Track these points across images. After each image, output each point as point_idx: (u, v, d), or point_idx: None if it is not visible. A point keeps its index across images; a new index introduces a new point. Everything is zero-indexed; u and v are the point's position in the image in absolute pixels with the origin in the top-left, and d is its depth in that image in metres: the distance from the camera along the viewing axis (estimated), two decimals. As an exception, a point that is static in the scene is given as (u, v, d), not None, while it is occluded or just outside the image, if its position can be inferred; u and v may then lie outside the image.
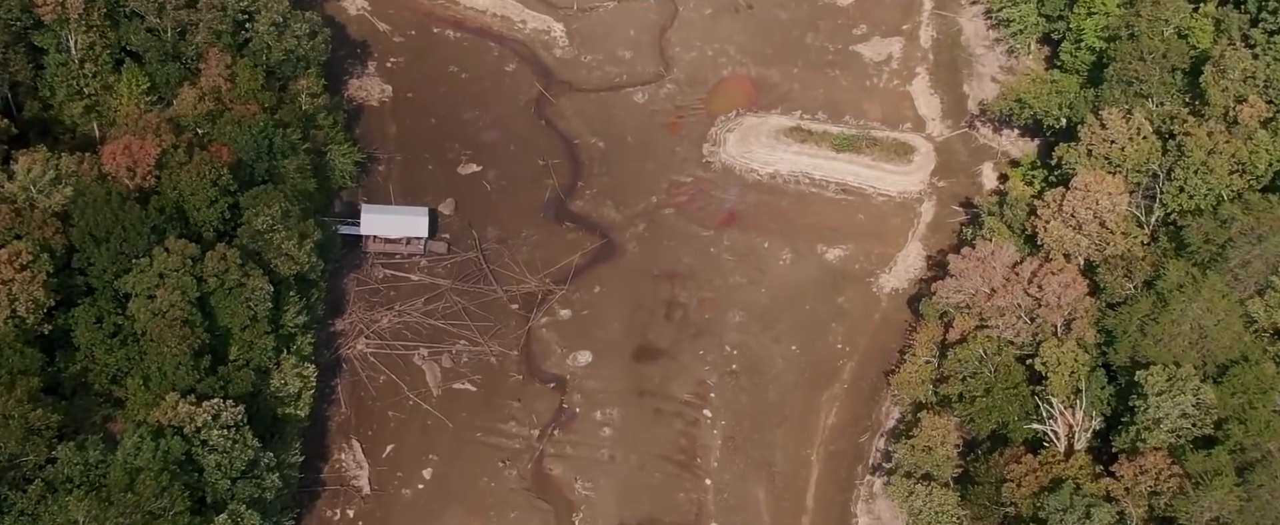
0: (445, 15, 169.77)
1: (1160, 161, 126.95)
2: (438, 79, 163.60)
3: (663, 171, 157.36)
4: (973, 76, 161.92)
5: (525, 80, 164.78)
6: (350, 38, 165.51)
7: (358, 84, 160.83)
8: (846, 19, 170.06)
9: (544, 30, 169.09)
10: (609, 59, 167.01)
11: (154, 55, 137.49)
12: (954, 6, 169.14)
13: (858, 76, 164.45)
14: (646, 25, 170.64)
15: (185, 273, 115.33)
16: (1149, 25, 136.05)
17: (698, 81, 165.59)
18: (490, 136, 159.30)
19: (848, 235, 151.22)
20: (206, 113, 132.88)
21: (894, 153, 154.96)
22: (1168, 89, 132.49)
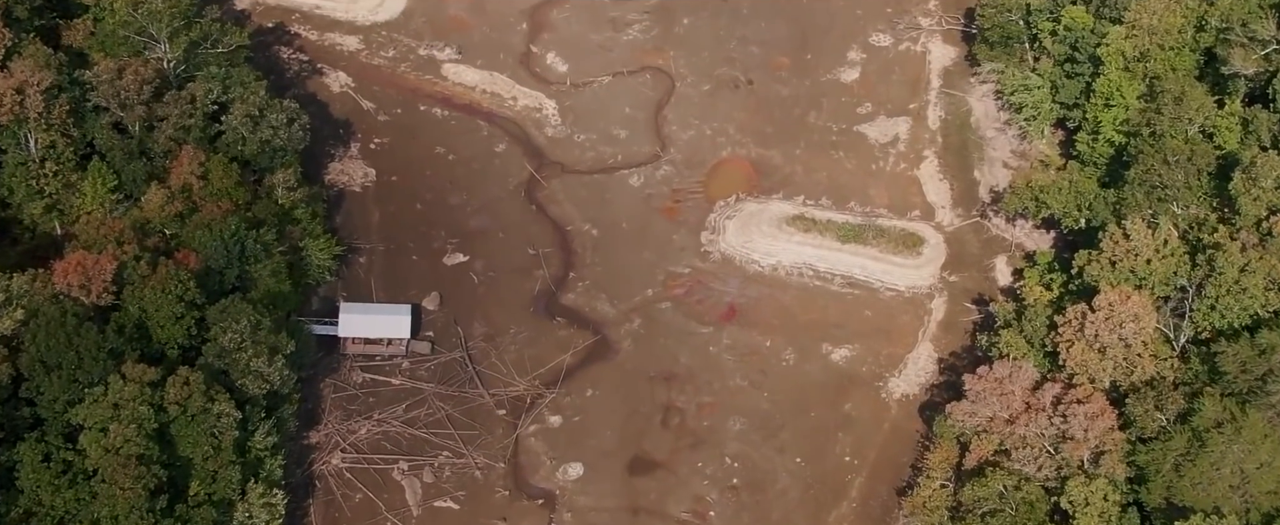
0: (433, 91, 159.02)
1: (1189, 275, 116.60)
2: (424, 161, 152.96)
3: (659, 261, 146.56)
4: (984, 161, 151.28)
5: (515, 161, 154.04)
6: (333, 117, 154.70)
7: (339, 167, 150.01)
8: (850, 96, 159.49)
9: (535, 107, 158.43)
10: (603, 138, 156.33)
11: (120, 153, 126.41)
12: (962, 85, 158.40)
13: (863, 159, 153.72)
14: (642, 101, 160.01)
15: (142, 402, 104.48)
16: (1171, 124, 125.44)
17: (695, 163, 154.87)
18: (478, 223, 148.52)
19: (854, 333, 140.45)
20: (176, 214, 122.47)
21: (902, 244, 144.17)
22: (1194, 193, 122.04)
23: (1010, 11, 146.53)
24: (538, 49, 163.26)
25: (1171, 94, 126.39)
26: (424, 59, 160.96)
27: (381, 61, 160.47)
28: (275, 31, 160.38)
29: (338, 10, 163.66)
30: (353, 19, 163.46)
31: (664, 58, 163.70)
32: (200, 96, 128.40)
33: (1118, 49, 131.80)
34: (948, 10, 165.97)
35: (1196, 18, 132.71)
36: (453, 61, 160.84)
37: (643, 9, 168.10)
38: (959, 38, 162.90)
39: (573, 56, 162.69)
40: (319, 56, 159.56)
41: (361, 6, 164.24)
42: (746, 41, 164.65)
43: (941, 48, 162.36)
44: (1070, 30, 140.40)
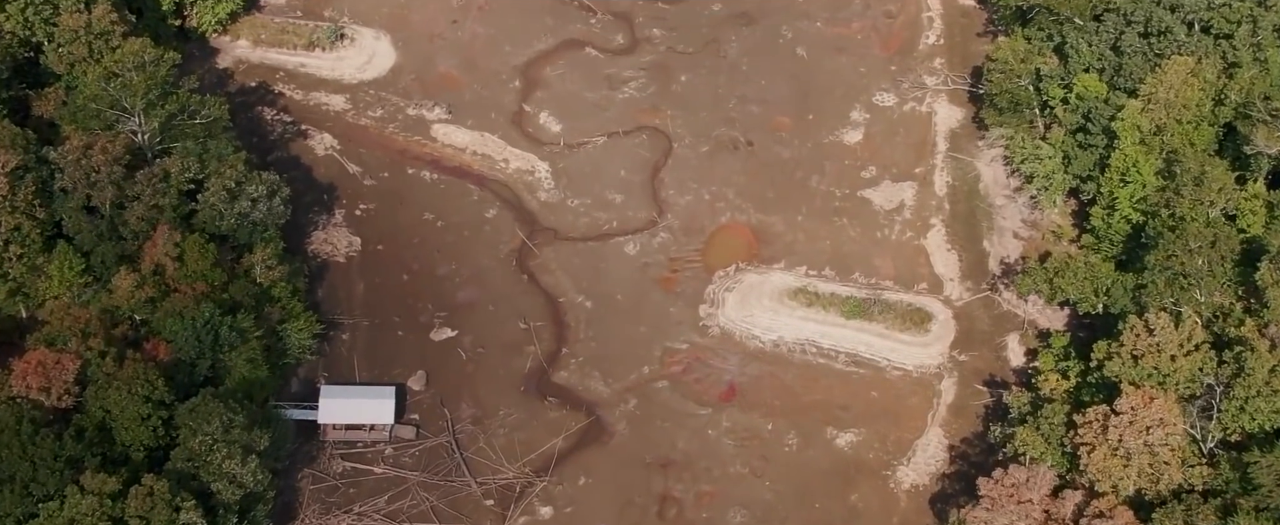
0: (422, 153, 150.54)
1: (1215, 373, 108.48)
2: (411, 228, 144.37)
3: (656, 337, 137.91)
4: (993, 231, 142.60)
5: (506, 228, 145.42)
6: (317, 181, 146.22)
7: (323, 237, 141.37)
8: (854, 159, 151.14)
9: (528, 170, 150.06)
10: (598, 203, 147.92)
11: (89, 234, 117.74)
12: (970, 149, 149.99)
13: (868, 226, 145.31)
14: (638, 164, 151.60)
15: (101, 517, 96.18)
16: (1191, 206, 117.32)
17: (693, 229, 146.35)
18: (467, 295, 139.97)
19: (860, 416, 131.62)
20: (147, 299, 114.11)
21: (909, 320, 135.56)
22: (1218, 280, 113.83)
23: (1019, 77, 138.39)
24: (531, 108, 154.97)
25: (1191, 173, 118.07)
26: (413, 119, 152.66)
27: (369, 121, 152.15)
28: (258, 91, 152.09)
29: (323, 68, 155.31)
30: (339, 77, 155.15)
31: (661, 117, 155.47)
32: (175, 173, 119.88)
33: (1133, 123, 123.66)
34: (953, 69, 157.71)
35: (1215, 91, 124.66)
36: (442, 121, 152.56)
37: (639, 65, 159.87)
38: (966, 98, 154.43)
39: (567, 115, 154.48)
40: (304, 117, 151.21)
41: (348, 64, 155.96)
42: (746, 100, 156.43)
43: (948, 108, 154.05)
44: (1083, 99, 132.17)
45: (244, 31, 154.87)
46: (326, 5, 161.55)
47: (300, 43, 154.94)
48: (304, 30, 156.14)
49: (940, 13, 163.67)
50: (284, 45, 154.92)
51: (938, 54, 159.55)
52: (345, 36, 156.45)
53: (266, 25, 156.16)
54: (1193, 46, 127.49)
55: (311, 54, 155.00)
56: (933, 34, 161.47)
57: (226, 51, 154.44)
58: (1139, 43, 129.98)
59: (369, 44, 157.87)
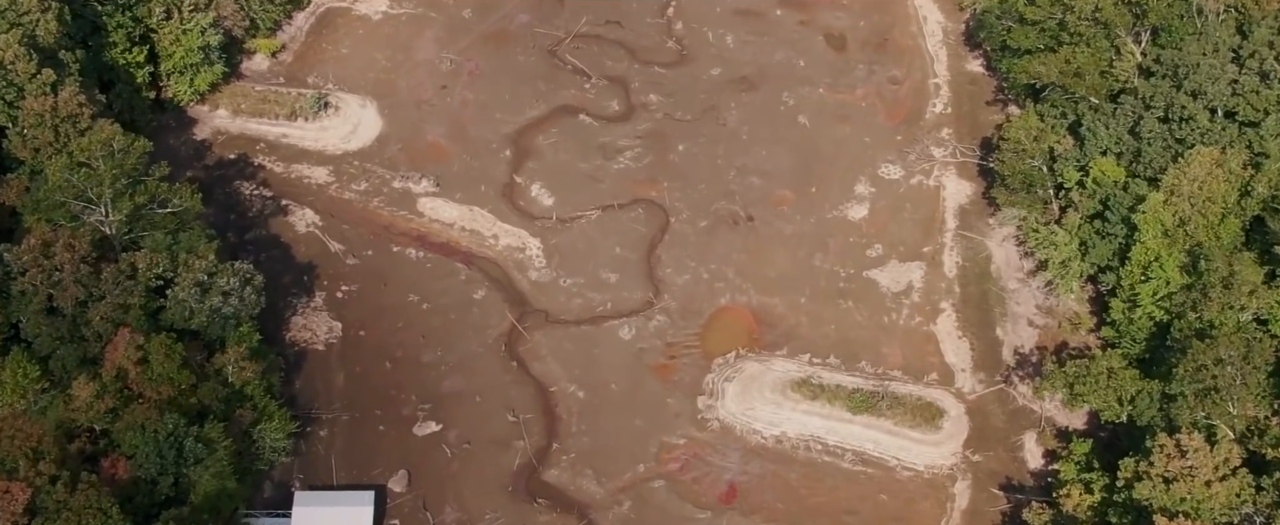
0: (408, 229, 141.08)
1: (1254, 500, 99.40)
2: (395, 311, 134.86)
3: (652, 430, 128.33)
4: (1006, 317, 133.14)
5: (495, 310, 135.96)
6: (297, 261, 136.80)
7: (302, 323, 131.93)
8: (860, 236, 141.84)
9: (518, 247, 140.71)
10: (591, 283, 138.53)
11: (48, 337, 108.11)
12: (981, 226, 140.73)
13: (874, 310, 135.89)
14: (633, 240, 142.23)
15: None
16: (1220, 310, 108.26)
17: (691, 312, 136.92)
18: (453, 384, 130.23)
19: (869, 521, 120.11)
20: (108, 409, 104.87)
21: (919, 416, 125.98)
22: (1251, 391, 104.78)
23: (1032, 157, 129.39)
24: (522, 179, 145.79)
25: (1219, 273, 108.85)
26: (398, 192, 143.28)
27: (352, 195, 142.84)
28: (238, 164, 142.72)
29: (306, 139, 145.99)
30: (322, 148, 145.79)
31: (657, 189, 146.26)
32: (143, 269, 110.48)
33: (1156, 216, 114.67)
34: (962, 139, 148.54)
35: (1241, 183, 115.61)
36: (429, 195, 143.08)
37: (635, 134, 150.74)
38: (975, 171, 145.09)
39: (559, 188, 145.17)
40: (285, 191, 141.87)
41: (332, 134, 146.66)
42: (746, 172, 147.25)
43: (956, 182, 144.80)
44: (1099, 185, 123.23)
45: (224, 101, 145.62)
46: (311, 71, 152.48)
47: (282, 112, 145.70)
48: (286, 99, 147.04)
49: (947, 79, 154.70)
50: (265, 115, 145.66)
51: (945, 123, 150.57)
52: (329, 105, 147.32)
53: (247, 94, 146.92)
54: (1217, 135, 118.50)
55: (294, 124, 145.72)
56: (939, 102, 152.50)
57: (205, 122, 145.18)
58: (1159, 128, 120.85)
59: (354, 112, 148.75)
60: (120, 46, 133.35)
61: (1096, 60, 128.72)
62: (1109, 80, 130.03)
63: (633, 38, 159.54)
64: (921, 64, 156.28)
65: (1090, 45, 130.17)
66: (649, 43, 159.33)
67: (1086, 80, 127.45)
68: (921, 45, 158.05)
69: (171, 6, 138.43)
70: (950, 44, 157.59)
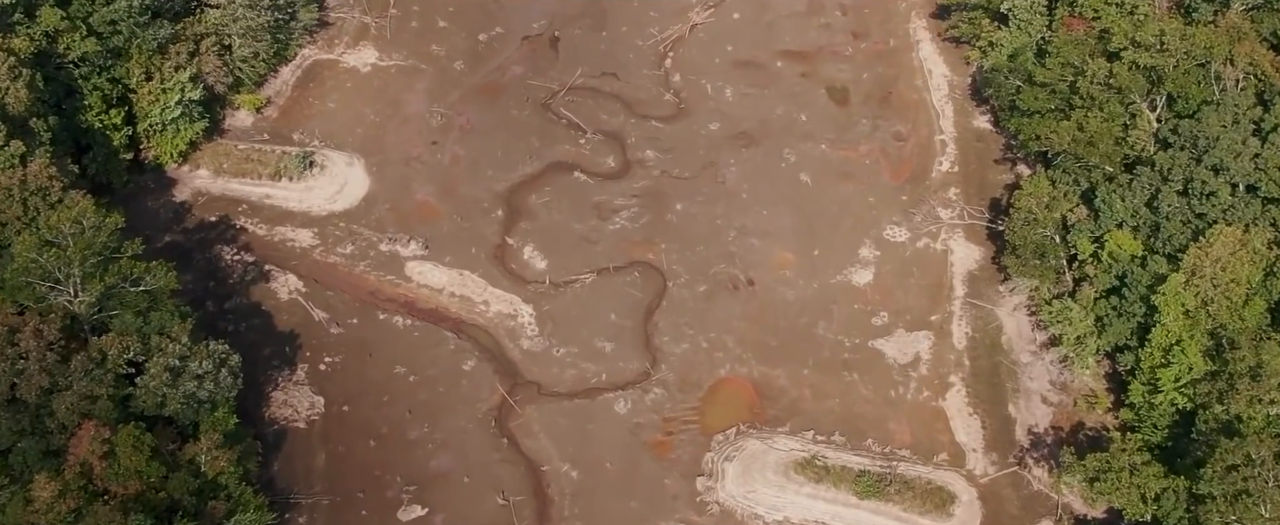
0: (394, 295, 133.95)
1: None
2: (381, 384, 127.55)
3: (648, 514, 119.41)
4: (1019, 393, 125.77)
5: (485, 382, 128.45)
6: (279, 331, 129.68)
7: (282, 398, 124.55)
8: (865, 303, 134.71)
9: (510, 314, 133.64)
10: (585, 352, 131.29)
11: (8, 431, 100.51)
12: (990, 295, 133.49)
13: (880, 383, 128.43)
14: (629, 306, 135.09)
15: None
16: (1248, 404, 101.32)
17: (690, 384, 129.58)
18: (441, 463, 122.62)
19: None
20: (70, 510, 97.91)
21: (930, 501, 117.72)
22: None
23: (1043, 226, 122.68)
24: (514, 240, 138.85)
25: (1245, 363, 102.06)
26: (386, 256, 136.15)
27: (338, 259, 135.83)
28: (218, 227, 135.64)
29: (290, 199, 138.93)
30: (307, 209, 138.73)
31: (654, 251, 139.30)
32: (113, 356, 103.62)
33: (1176, 298, 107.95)
34: (970, 200, 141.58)
35: (1266, 263, 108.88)
36: (418, 258, 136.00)
37: (631, 192, 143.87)
38: (984, 234, 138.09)
39: (553, 250, 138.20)
40: (267, 255, 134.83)
41: (318, 195, 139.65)
42: (746, 232, 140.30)
43: (965, 246, 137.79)
44: (1115, 259, 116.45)
45: (205, 160, 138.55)
46: (297, 126, 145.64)
47: (266, 172, 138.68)
48: (270, 158, 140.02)
49: (954, 136, 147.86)
50: (248, 175, 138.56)
51: (952, 182, 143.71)
52: (315, 164, 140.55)
53: (229, 153, 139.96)
54: (1239, 211, 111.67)
55: (278, 184, 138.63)
56: (946, 160, 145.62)
57: (185, 183, 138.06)
58: (1178, 202, 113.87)
59: (340, 171, 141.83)
60: (96, 110, 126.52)
61: (1110, 127, 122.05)
62: (1124, 147, 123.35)
63: (629, 90, 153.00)
64: (927, 119, 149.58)
65: (1104, 109, 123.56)
66: (646, 95, 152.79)
67: (1100, 148, 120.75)
68: (927, 100, 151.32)
69: (152, 66, 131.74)
70: (956, 99, 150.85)
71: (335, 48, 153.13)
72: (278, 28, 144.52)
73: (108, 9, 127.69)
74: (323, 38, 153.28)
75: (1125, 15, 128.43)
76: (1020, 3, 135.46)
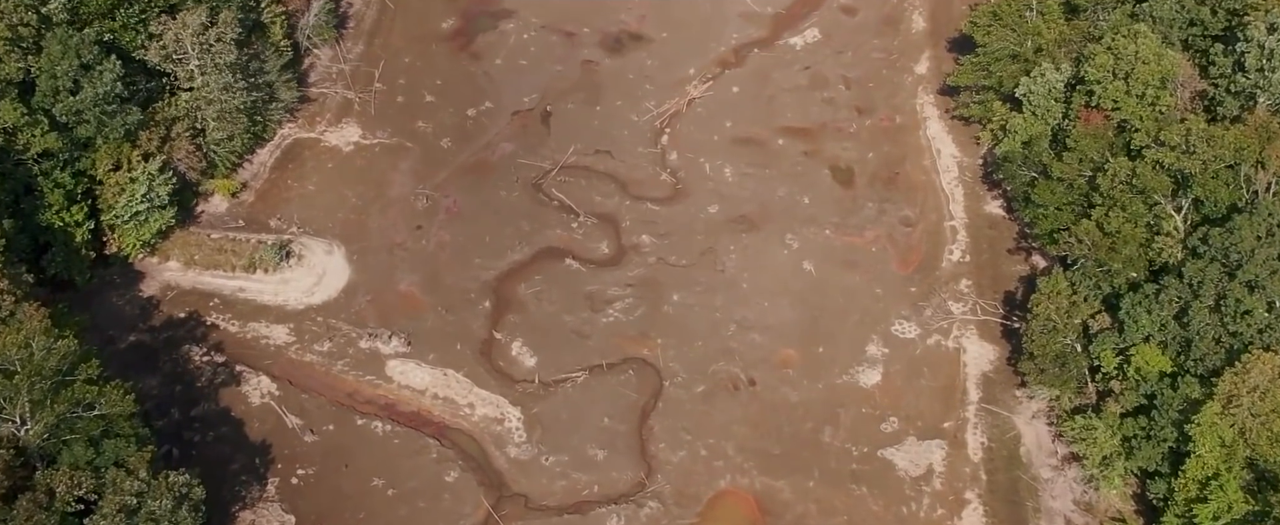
0: (374, 397, 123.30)
1: None
2: (357, 498, 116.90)
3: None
4: (1041, 514, 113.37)
5: (469, 495, 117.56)
6: (249, 441, 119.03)
7: (250, 518, 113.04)
8: (873, 407, 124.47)
9: (496, 418, 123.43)
10: (576, 461, 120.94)
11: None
12: (1007, 400, 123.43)
13: (891, 498, 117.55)
14: (623, 409, 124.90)
15: None
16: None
17: (687, 496, 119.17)
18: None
19: None
20: None
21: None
22: None
23: (1062, 334, 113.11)
24: (502, 335, 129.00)
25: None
26: (365, 354, 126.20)
27: (314, 358, 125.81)
28: (188, 324, 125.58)
29: (265, 292, 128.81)
30: (283, 303, 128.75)
31: (650, 347, 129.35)
32: (61, 494, 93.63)
33: (1213, 429, 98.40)
34: (982, 293, 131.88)
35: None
36: (400, 356, 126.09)
37: (625, 281, 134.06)
38: (998, 332, 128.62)
39: (543, 345, 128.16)
40: (239, 354, 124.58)
41: (295, 287, 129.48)
42: (747, 327, 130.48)
43: (979, 345, 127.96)
44: (1143, 377, 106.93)
45: (175, 251, 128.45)
46: (274, 211, 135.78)
47: (240, 263, 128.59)
48: (244, 248, 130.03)
49: (964, 222, 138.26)
50: (220, 267, 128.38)
51: (963, 273, 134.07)
52: (292, 254, 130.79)
53: (201, 243, 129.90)
54: (1277, 331, 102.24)
55: (252, 276, 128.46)
56: (957, 248, 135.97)
57: (153, 276, 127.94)
58: (1210, 319, 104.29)
59: (319, 260, 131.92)
60: (57, 207, 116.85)
61: (1134, 231, 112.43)
62: (1149, 253, 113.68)
63: (624, 169, 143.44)
64: (936, 204, 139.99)
65: (1125, 209, 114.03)
66: (641, 175, 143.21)
67: (1123, 253, 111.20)
68: (935, 182, 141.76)
69: (120, 156, 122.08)
70: (967, 181, 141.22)
71: (316, 125, 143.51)
72: (255, 109, 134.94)
73: (73, 99, 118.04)
74: (303, 115, 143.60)
75: (1146, 106, 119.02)
76: (1036, 89, 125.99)
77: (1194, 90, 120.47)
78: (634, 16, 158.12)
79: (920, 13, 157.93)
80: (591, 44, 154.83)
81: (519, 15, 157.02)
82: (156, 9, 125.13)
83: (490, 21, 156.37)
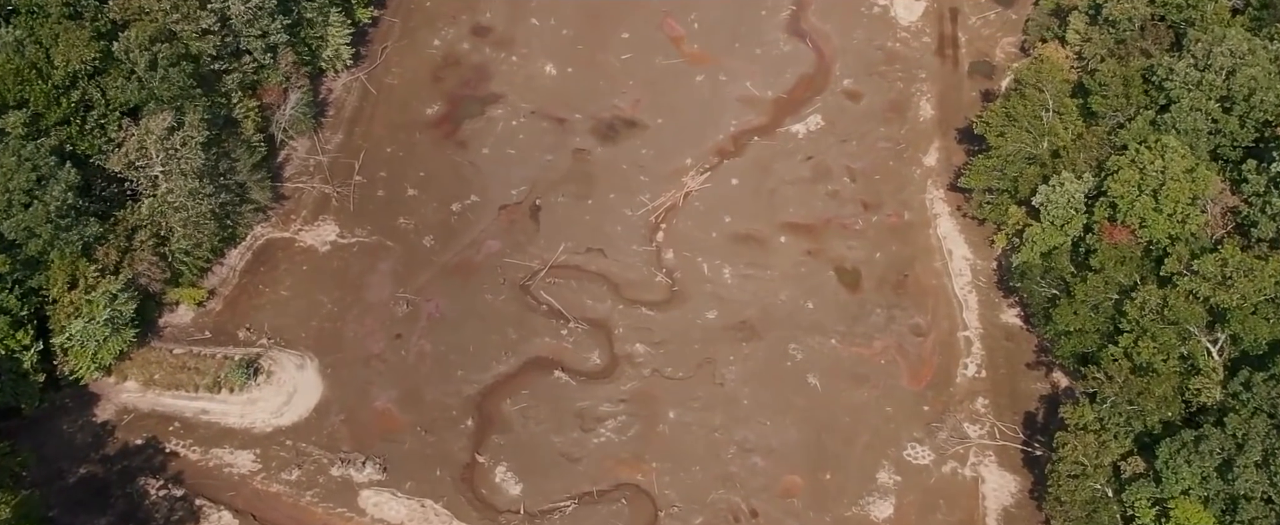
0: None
1: None
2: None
3: None
4: None
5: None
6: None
7: None
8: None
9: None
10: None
11: None
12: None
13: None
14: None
15: None
16: None
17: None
18: None
19: None
20: None
21: None
22: None
23: (1092, 479, 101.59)
24: (485, 458, 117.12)
25: None
26: (337, 482, 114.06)
27: (281, 488, 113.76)
28: (145, 452, 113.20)
29: (230, 414, 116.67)
30: (249, 425, 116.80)
31: (644, 471, 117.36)
32: None
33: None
34: (1001, 414, 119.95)
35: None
36: (374, 484, 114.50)
37: (618, 396, 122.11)
38: (1019, 459, 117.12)
39: (529, 469, 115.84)
40: (200, 486, 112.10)
41: (262, 408, 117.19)
42: (747, 449, 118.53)
43: (998, 475, 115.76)
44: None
45: (133, 371, 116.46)
46: (244, 320, 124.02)
47: (203, 382, 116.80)
48: (209, 365, 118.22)
49: (979, 332, 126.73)
50: (182, 387, 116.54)
51: (980, 390, 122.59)
52: (260, 370, 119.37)
53: (162, 361, 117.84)
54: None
55: (216, 397, 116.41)
56: (972, 363, 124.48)
57: (109, 399, 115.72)
58: (1257, 476, 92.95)
59: (289, 376, 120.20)
60: (1, 334, 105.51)
61: (1167, 363, 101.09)
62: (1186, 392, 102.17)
63: (617, 269, 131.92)
64: (948, 311, 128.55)
65: (1156, 340, 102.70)
66: (635, 276, 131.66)
67: (1157, 392, 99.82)
68: (947, 287, 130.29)
69: (76, 272, 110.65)
70: (981, 287, 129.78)
71: (291, 224, 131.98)
72: (225, 211, 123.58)
73: (25, 214, 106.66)
74: (278, 213, 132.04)
75: (1176, 223, 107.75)
76: (1055, 198, 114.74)
77: (1225, 207, 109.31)
78: (628, 100, 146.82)
79: (928, 99, 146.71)
80: (583, 131, 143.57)
81: (507, 100, 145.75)
82: (117, 113, 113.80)
83: (477, 107, 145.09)
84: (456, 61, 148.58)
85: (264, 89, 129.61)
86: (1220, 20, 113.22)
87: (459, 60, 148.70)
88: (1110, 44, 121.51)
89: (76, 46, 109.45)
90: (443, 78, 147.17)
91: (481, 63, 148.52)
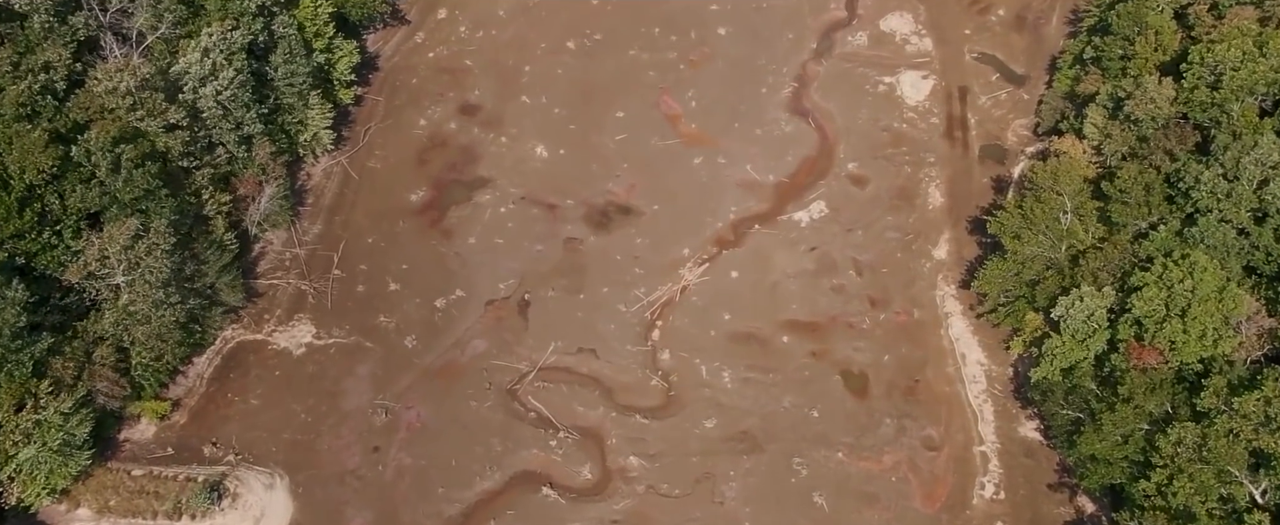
0: None
1: None
2: None
3: None
4: None
5: None
6: None
7: None
8: None
9: None
10: None
11: None
12: None
13: None
14: None
15: None
16: None
17: None
18: None
19: None
20: None
21: None
22: None
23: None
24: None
25: None
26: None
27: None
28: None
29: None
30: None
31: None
32: None
33: None
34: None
35: None
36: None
37: (609, 517, 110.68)
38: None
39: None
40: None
41: None
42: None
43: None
44: None
45: (87, 496, 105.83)
46: (210, 433, 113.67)
47: (163, 508, 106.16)
48: (169, 489, 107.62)
49: (996, 447, 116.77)
50: (140, 513, 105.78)
51: (999, 514, 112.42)
52: (225, 494, 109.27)
53: (119, 485, 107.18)
54: None
55: (177, 524, 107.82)
56: (990, 482, 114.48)
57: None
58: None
59: (257, 498, 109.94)
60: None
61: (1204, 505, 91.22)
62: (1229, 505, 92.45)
63: (610, 371, 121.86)
64: (963, 422, 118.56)
65: (1193, 479, 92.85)
66: (629, 378, 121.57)
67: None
68: (961, 395, 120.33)
69: (26, 393, 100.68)
70: (996, 396, 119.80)
71: (264, 325, 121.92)
72: (192, 317, 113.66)
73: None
74: (250, 313, 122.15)
75: (1208, 346, 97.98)
76: (1075, 312, 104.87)
77: (1262, 328, 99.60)
78: (622, 185, 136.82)
79: (937, 185, 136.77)
80: (575, 218, 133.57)
81: (496, 184, 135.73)
82: (74, 221, 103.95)
83: (464, 192, 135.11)
84: (443, 142, 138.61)
85: (238, 181, 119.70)
86: (1248, 123, 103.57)
87: (445, 141, 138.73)
88: (1132, 141, 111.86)
89: (32, 154, 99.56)
90: (428, 160, 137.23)
91: (469, 144, 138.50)
